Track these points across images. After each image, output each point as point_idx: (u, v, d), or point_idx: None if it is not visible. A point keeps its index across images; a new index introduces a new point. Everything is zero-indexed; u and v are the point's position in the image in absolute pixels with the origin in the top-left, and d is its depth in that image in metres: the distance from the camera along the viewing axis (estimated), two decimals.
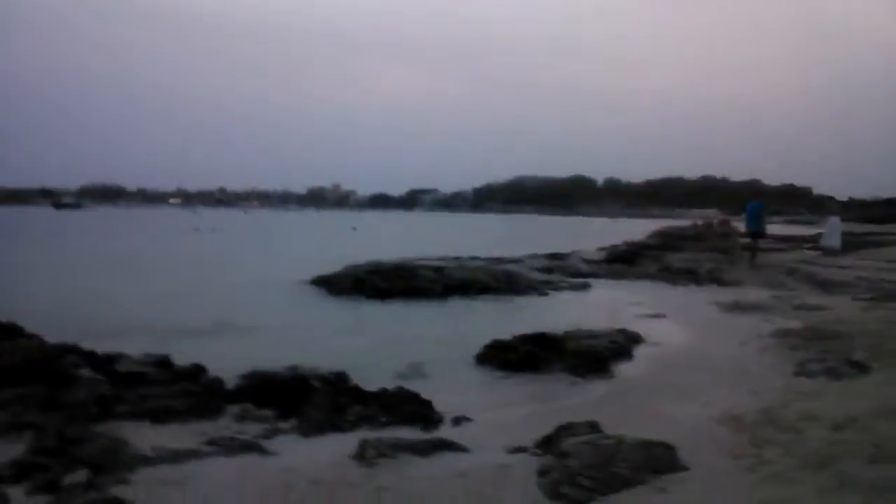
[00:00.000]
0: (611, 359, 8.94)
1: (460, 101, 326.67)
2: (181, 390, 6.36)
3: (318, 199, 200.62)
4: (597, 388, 7.72)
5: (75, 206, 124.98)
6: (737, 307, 13.42)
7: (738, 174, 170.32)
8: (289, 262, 21.28)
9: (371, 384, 7.57)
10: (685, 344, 10.13)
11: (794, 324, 11.30)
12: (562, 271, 20.60)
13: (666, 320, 12.14)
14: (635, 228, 38.87)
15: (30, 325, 7.65)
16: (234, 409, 6.22)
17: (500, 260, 22.95)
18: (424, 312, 13.45)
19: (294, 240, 43.28)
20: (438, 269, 17.27)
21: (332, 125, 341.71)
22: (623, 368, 8.69)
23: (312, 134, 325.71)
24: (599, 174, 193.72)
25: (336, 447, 5.29)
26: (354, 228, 58.85)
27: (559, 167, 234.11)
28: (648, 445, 5.15)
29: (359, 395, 6.45)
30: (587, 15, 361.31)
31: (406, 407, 6.25)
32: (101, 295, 14.47)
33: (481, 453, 5.30)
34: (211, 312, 12.37)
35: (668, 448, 5.17)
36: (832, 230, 22.08)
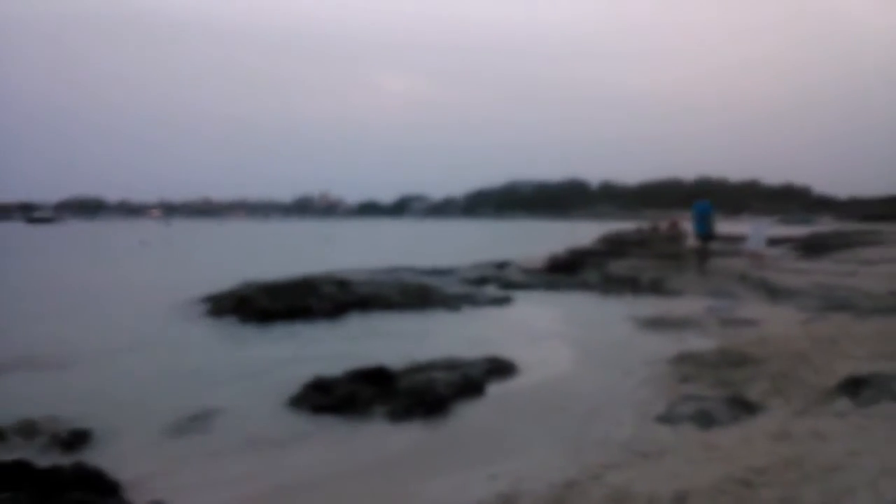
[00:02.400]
0: (451, 398, 7.23)
1: (452, 106, 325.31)
2: None
3: (305, 207, 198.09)
4: (394, 441, 6.02)
5: (47, 220, 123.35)
6: (656, 323, 11.71)
7: (736, 174, 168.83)
8: (201, 278, 19.43)
9: (129, 439, 6.21)
10: (560, 374, 8.40)
11: (707, 344, 9.61)
12: (497, 281, 18.90)
13: (561, 342, 10.41)
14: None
15: None
16: None
17: (435, 271, 21.24)
18: (294, 337, 11.66)
19: (237, 252, 41.04)
20: (343, 284, 15.58)
21: (321, 134, 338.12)
22: (460, 410, 6.97)
23: (301, 143, 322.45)
24: (595, 177, 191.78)
25: None
26: (327, 239, 56.95)
27: (554, 171, 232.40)
28: None
29: (22, 472, 4.70)
30: (580, 18, 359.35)
31: (73, 494, 4.51)
32: None
33: None
34: (42, 342, 10.82)
35: None
36: (755, 234, 20.38)
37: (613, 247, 19.77)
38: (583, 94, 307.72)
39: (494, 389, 7.74)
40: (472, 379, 7.81)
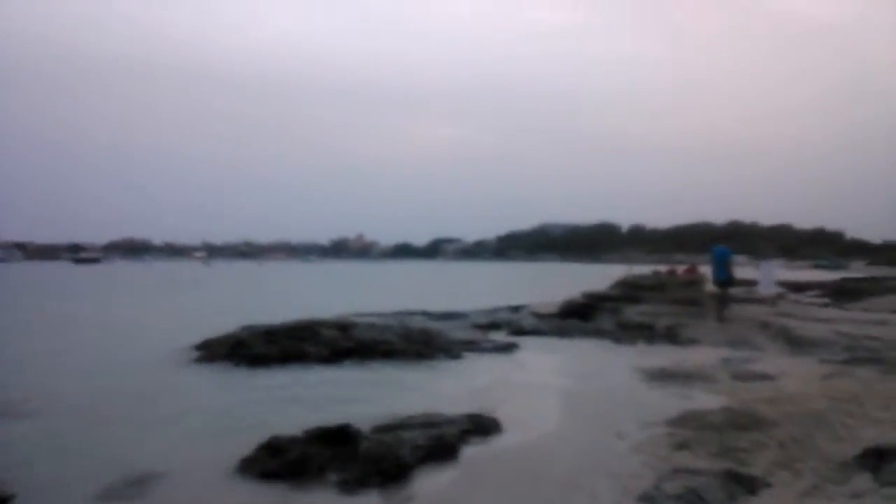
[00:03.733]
0: (416, 463, 6.53)
1: (485, 150, 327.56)
2: None
3: (341, 249, 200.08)
4: None
5: (94, 260, 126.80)
6: (664, 376, 10.87)
7: (767, 219, 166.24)
8: (211, 320, 19.05)
9: None
10: (546, 435, 7.64)
11: (714, 402, 8.78)
12: (508, 326, 18.16)
13: (556, 396, 9.64)
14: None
15: None
16: None
17: (446, 315, 20.66)
18: (279, 386, 11.01)
19: (259, 294, 41.02)
20: (345, 328, 15.01)
21: (357, 178, 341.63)
22: (423, 479, 6.27)
23: (338, 187, 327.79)
24: (626, 221, 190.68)
25: None
26: (357, 281, 56.67)
27: (585, 214, 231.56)
28: None
29: None
30: (611, 62, 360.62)
31: None
32: None
33: None
34: (20, 388, 10.58)
35: None
36: (765, 276, 19.51)
37: (629, 291, 18.90)
38: (614, 143, 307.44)
39: (470, 452, 7.02)
40: (446, 440, 7.09)
